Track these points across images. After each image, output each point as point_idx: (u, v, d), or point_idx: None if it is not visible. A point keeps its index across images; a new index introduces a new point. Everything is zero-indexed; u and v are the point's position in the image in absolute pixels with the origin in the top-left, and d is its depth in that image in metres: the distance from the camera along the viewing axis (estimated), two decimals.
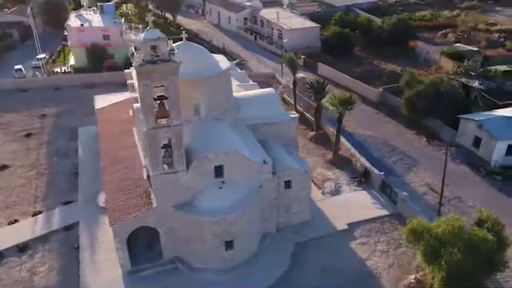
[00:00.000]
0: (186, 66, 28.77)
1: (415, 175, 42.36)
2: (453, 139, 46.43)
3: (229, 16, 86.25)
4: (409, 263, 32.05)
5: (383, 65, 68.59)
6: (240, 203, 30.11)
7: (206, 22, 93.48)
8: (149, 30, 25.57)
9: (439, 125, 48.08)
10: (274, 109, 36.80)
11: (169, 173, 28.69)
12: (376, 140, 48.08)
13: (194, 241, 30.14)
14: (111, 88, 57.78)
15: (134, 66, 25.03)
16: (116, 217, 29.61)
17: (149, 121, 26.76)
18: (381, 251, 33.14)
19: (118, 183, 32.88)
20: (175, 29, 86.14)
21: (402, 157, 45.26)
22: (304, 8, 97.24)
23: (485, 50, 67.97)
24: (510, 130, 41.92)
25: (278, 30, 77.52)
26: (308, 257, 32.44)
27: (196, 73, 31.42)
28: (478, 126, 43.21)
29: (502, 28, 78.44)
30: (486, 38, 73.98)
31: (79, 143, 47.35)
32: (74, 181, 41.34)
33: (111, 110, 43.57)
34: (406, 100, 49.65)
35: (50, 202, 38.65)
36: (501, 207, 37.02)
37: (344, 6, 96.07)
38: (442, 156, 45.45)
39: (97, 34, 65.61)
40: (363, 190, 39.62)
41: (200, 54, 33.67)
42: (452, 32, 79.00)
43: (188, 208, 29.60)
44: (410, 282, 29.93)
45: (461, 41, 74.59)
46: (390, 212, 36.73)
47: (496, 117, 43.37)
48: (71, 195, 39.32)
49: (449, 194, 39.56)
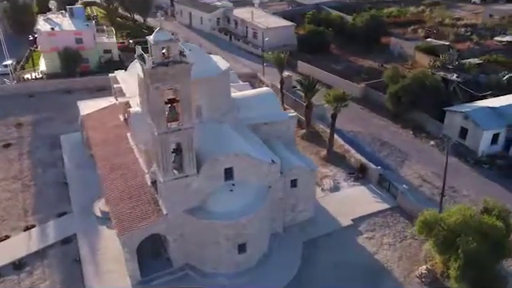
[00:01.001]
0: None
1: (408, 168, 43.25)
2: (439, 131, 47.81)
3: (201, 16, 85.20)
4: (416, 254, 32.66)
5: (360, 61, 69.71)
6: (251, 205, 29.71)
7: (177, 23, 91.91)
8: (159, 31, 24.69)
9: (424, 118, 49.34)
10: (273, 108, 36.59)
11: (179, 178, 27.87)
12: (365, 135, 48.77)
13: (206, 246, 29.44)
14: (88, 93, 56.00)
15: (146, 69, 24.08)
16: (125, 226, 28.49)
17: (160, 125, 25.86)
18: (388, 244, 33.60)
19: (120, 191, 31.67)
20: (147, 31, 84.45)
21: (393, 150, 46.13)
22: (274, 7, 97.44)
23: (454, 44, 70.46)
24: (494, 120, 43.59)
25: (253, 29, 77.31)
26: (318, 254, 32.44)
27: (196, 74, 30.61)
28: (465, 117, 44.63)
29: (468, 22, 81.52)
30: (454, 33, 76.62)
31: (63, 152, 45.37)
32: (64, 191, 39.54)
33: (99, 116, 41.95)
34: (391, 95, 50.65)
35: (42, 215, 36.75)
36: (492, 194, 38.37)
37: (313, 5, 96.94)
38: (430, 148, 47.23)
39: (69, 38, 63.06)
40: (361, 185, 40.06)
41: (199, 55, 32.84)
42: (421, 27, 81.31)
43: (200, 213, 28.89)
44: (421, 272, 30.50)
45: (430, 36, 76.89)
46: (391, 205, 37.31)
47: (481, 108, 44.95)
48: (64, 206, 37.58)
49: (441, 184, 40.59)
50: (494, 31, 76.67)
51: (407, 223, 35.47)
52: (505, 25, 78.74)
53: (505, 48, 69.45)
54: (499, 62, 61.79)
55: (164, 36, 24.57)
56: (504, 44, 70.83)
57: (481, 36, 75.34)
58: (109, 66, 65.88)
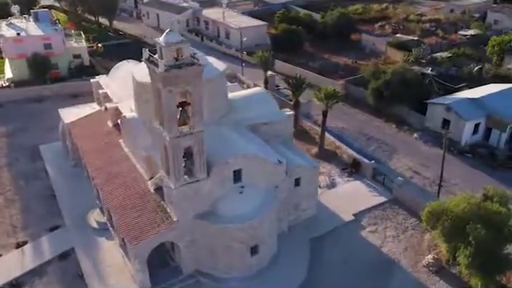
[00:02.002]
0: None
1: (397, 161, 44.28)
2: (421, 124, 49.28)
3: (170, 18, 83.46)
4: (420, 245, 33.49)
5: (334, 58, 70.71)
6: (262, 206, 29.47)
7: (144, 25, 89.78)
8: (169, 32, 23.94)
9: (406, 111, 50.68)
10: (270, 108, 36.43)
11: (190, 183, 27.18)
12: (351, 131, 49.49)
13: (218, 250, 28.91)
14: (62, 100, 53.72)
15: (159, 72, 23.26)
16: (135, 236, 27.50)
17: (172, 129, 25.11)
18: (391, 237, 34.26)
19: (123, 200, 30.55)
20: (114, 34, 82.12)
21: (380, 144, 47.10)
22: (241, 7, 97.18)
23: (422, 39, 72.84)
24: (475, 111, 45.38)
25: (226, 29, 76.76)
26: (326, 252, 32.63)
27: None
28: (447, 109, 46.20)
29: (431, 18, 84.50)
30: (420, 28, 79.18)
31: (46, 163, 43.28)
32: (52, 204, 37.73)
33: (85, 124, 40.28)
34: (373, 90, 51.66)
35: (33, 231, 34.89)
36: (478, 181, 40.15)
37: (280, 4, 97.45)
38: (415, 140, 48.58)
39: (37, 43, 60.11)
40: (356, 180, 40.64)
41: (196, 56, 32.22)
42: (388, 24, 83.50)
43: (212, 217, 28.33)
44: (428, 261, 31.28)
45: (397, 32, 79.14)
46: (388, 198, 38.07)
47: (461, 99, 46.67)
48: (55, 220, 35.86)
49: (432, 175, 41.90)
50: (457, 26, 79.89)
51: (406, 215, 36.34)
52: (467, 19, 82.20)
53: (469, 41, 72.49)
54: (467, 54, 64.39)
55: (176, 38, 23.87)
56: (468, 38, 73.95)
57: (445, 30, 78.28)
58: (79, 72, 63.71)
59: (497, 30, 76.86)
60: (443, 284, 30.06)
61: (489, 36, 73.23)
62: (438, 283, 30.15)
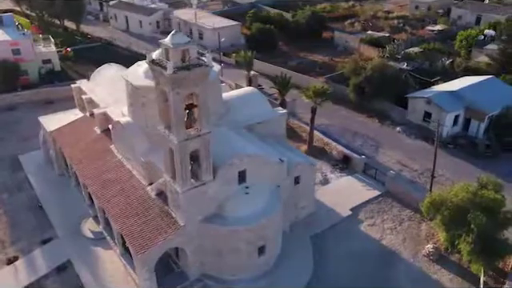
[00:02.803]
0: None
1: (384, 155, 45.21)
2: (403, 117, 50.56)
3: (139, 20, 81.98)
4: (418, 235, 34.34)
5: (309, 56, 71.41)
6: (268, 205, 29.36)
7: (112, 27, 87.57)
8: (175, 34, 23.39)
9: (388, 106, 51.85)
10: (263, 107, 36.35)
11: (198, 186, 26.73)
12: (336, 127, 50.09)
13: (225, 253, 28.57)
14: (35, 108, 51.93)
15: (167, 75, 22.68)
16: (141, 244, 26.77)
17: (180, 132, 24.58)
18: (390, 229, 34.96)
19: (123, 208, 29.67)
20: (82, 37, 79.62)
21: (366, 139, 47.94)
22: (210, 7, 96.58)
23: (392, 36, 74.75)
24: (454, 103, 46.92)
25: (199, 30, 76.01)
26: (329, 247, 32.92)
27: None
28: (427, 102, 47.59)
29: (398, 14, 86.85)
30: (389, 25, 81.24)
31: (28, 173, 41.47)
32: (41, 216, 36.26)
33: (71, 131, 38.84)
34: (355, 86, 52.53)
35: (23, 245, 33.37)
36: (463, 171, 41.80)
37: (249, 4, 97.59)
38: (398, 134, 49.79)
39: (5, 49, 57.48)
40: (347, 175, 41.22)
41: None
42: (357, 21, 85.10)
43: (219, 220, 27.97)
44: (428, 251, 32.12)
45: (367, 29, 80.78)
46: (381, 192, 38.81)
47: (441, 92, 48.17)
48: (46, 232, 34.48)
49: (419, 167, 43.12)
50: (423, 21, 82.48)
51: (401, 207, 37.18)
52: (432, 15, 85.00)
53: (437, 36, 74.99)
54: (437, 49, 66.49)
55: (182, 39, 23.35)
56: (436, 33, 76.49)
57: (413, 26, 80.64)
58: (50, 77, 61.42)
59: (461, 25, 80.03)
60: (444, 272, 30.96)
61: (454, 31, 76.27)
62: (439, 271, 31.02)
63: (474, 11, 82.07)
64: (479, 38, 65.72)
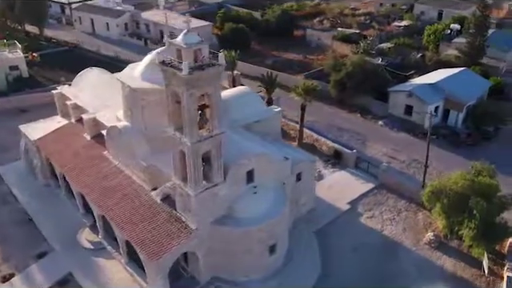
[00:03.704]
0: None
1: (371, 148, 46.14)
2: (384, 111, 51.81)
3: (106, 22, 79.62)
4: (416, 224, 35.30)
5: (284, 55, 71.79)
6: (276, 204, 29.29)
7: (76, 31, 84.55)
8: (188, 33, 22.88)
9: (369, 100, 52.97)
10: (259, 106, 36.37)
11: (209, 188, 26.31)
12: (321, 124, 50.60)
13: (237, 254, 28.27)
14: (9, 116, 49.88)
15: (183, 76, 22.13)
16: (154, 250, 26.06)
17: (193, 134, 24.09)
18: (389, 220, 35.74)
19: (129, 215, 28.78)
20: (47, 42, 76.43)
21: (351, 134, 48.74)
22: (177, 8, 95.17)
23: (362, 32, 76.39)
24: (434, 95, 48.56)
25: (170, 31, 74.53)
26: (333, 242, 33.24)
27: None
28: (408, 95, 49.00)
29: (365, 11, 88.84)
30: (357, 22, 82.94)
31: (10, 185, 39.43)
32: (31, 229, 34.60)
33: (57, 139, 37.25)
34: (336, 82, 53.30)
35: (17, 261, 31.71)
36: (448, 159, 43.38)
37: (216, 4, 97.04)
38: (381, 127, 50.98)
39: None
40: (340, 170, 41.79)
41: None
42: (325, 19, 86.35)
43: (230, 221, 27.67)
44: (429, 238, 33.09)
45: (336, 26, 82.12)
46: (375, 184, 39.61)
47: (420, 85, 49.70)
48: (40, 245, 32.91)
49: (406, 158, 44.37)
50: (389, 17, 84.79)
51: (396, 198, 38.09)
52: (396, 11, 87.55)
53: (404, 32, 77.24)
54: (407, 44, 68.63)
55: (195, 38, 22.92)
56: (403, 28, 78.79)
57: (380, 23, 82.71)
58: (19, 85, 58.60)
59: (425, 20, 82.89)
60: (446, 258, 32.00)
61: (420, 26, 78.92)
62: (441, 258, 32.02)
63: (436, 7, 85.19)
64: (446, 32, 68.29)
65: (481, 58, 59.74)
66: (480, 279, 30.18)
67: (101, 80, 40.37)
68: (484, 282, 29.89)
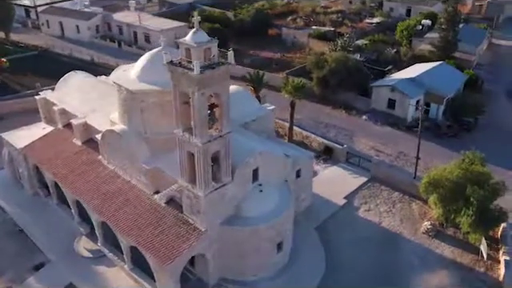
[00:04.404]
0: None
1: (358, 143, 46.94)
2: (367, 106, 52.83)
3: (76, 25, 77.33)
4: (412, 215, 36.19)
5: (261, 54, 71.87)
6: (281, 201, 29.34)
7: (44, 34, 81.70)
8: (196, 32, 22.55)
9: (352, 96, 53.86)
10: (253, 104, 36.32)
11: (218, 188, 26.06)
12: (307, 120, 51.04)
13: (246, 253, 28.15)
14: None
15: (194, 75, 21.78)
16: (166, 254, 25.58)
17: (204, 134, 23.80)
18: (385, 212, 36.47)
19: (133, 220, 28.13)
20: (14, 47, 73.43)
21: (338, 130, 49.43)
22: (147, 9, 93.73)
23: (336, 29, 77.59)
24: (415, 89, 49.91)
25: (145, 32, 73.48)
26: (334, 236, 33.63)
27: None
28: (391, 89, 50.15)
29: (336, 9, 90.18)
30: (329, 19, 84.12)
31: None
32: (24, 240, 33.38)
33: (45, 146, 35.93)
34: (318, 79, 53.88)
35: (13, 274, 30.49)
36: (433, 151, 44.65)
37: (187, 4, 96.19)
38: (365, 122, 51.98)
39: None
40: (332, 165, 42.28)
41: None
42: (298, 17, 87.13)
43: (239, 221, 27.56)
44: (427, 228, 34.02)
45: (309, 24, 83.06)
46: (368, 178, 40.32)
47: (402, 80, 50.94)
48: (35, 257, 31.80)
49: (393, 151, 45.43)
50: (360, 15, 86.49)
51: (389, 190, 38.90)
52: (366, 9, 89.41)
53: (376, 28, 79.02)
54: (382, 40, 70.25)
55: (204, 37, 22.66)
56: (374, 25, 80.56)
57: (352, 20, 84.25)
58: None
59: (394, 16, 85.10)
60: (444, 245, 32.99)
61: (391, 23, 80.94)
62: (440, 245, 33.00)
63: (405, 4, 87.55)
64: (417, 27, 70.29)
65: (453, 52, 61.90)
66: (478, 264, 31.31)
67: (86, 84, 39.29)
68: (483, 267, 31.02)
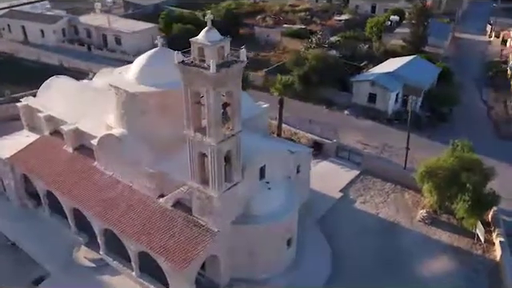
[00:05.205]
0: (172, 76, 25.96)
1: (345, 137, 47.72)
2: (348, 101, 53.90)
3: (41, 29, 74.36)
4: (406, 204, 37.29)
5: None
6: (288, 198, 29.51)
7: (4, 39, 78.09)
8: (209, 30, 22.29)
9: (332, 92, 54.78)
10: (248, 103, 35.92)
11: (230, 187, 25.90)
12: (291, 117, 51.28)
13: (258, 252, 28.11)
14: None
15: (211, 74, 21.51)
16: (182, 258, 25.17)
17: (218, 134, 23.58)
18: (381, 203, 37.39)
19: (141, 225, 27.46)
20: None
21: (322, 125, 49.99)
22: (113, 11, 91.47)
23: (307, 27, 78.65)
24: (394, 83, 51.40)
25: (115, 35, 71.67)
26: (335, 230, 34.15)
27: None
28: (372, 84, 51.40)
29: (303, 8, 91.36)
30: (299, 17, 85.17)
31: None
32: (17, 254, 31.92)
33: (33, 155, 34.42)
34: (300, 77, 54.42)
35: None
36: (415, 141, 45.85)
37: (153, 5, 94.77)
38: (347, 117, 53.05)
39: None
40: (322, 160, 42.88)
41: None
42: (267, 16, 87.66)
43: (250, 219, 27.46)
44: (422, 215, 35.18)
45: (279, 23, 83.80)
46: (359, 170, 41.20)
47: (381, 74, 52.28)
48: (33, 271, 30.43)
49: (378, 143, 46.58)
50: (328, 12, 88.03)
51: (381, 181, 39.91)
52: (333, 7, 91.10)
53: (345, 25, 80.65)
54: (353, 37, 71.79)
55: (217, 35, 22.43)
56: (343, 22, 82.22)
57: (320, 18, 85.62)
58: None
59: (361, 13, 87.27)
60: (441, 231, 34.22)
61: (358, 20, 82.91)
62: (437, 231, 34.19)
63: (370, 1, 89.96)
64: (386, 23, 72.38)
65: (424, 46, 64.20)
66: (475, 247, 32.69)
67: (71, 88, 37.99)
68: (479, 249, 32.42)
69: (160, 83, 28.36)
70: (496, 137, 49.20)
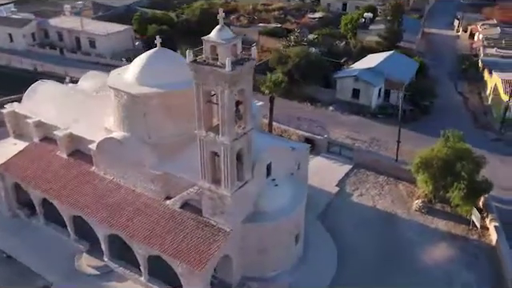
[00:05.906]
0: (173, 76, 26.56)
1: (332, 132, 48.37)
2: (332, 97, 54.67)
3: (9, 33, 71.47)
4: (401, 195, 38.26)
5: None
6: (295, 194, 29.68)
7: None
8: (222, 29, 22.12)
9: (316, 89, 55.41)
10: None
11: (241, 186, 25.82)
12: (279, 115, 51.45)
13: (269, 249, 28.16)
14: None
15: (227, 72, 21.34)
16: (197, 259, 24.91)
17: (232, 132, 23.45)
18: (377, 195, 38.20)
19: (150, 228, 27.00)
20: None
21: (309, 122, 50.56)
22: (84, 13, 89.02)
23: (283, 26, 79.14)
24: (377, 78, 52.55)
25: (89, 37, 69.79)
26: (336, 223, 34.65)
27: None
28: (355, 79, 52.32)
29: (276, 7, 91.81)
30: (273, 16, 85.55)
31: None
32: (15, 266, 30.79)
33: (24, 162, 33.15)
34: (283, 74, 54.60)
35: None
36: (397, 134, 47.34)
37: (124, 6, 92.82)
38: (332, 113, 53.84)
39: None
40: (315, 156, 43.29)
41: (183, 61, 29.96)
42: (241, 15, 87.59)
43: (260, 217, 27.48)
44: (418, 205, 36.17)
45: (253, 22, 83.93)
46: (352, 164, 41.91)
47: (363, 70, 53.29)
48: (34, 282, 29.44)
49: (366, 138, 47.50)
50: (301, 11, 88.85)
51: (374, 174, 40.76)
52: (306, 5, 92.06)
53: (319, 23, 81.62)
54: (329, 34, 72.78)
55: (229, 34, 22.28)
56: (317, 20, 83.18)
57: (294, 16, 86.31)
58: None
59: (333, 11, 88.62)
60: (437, 219, 35.32)
61: (331, 17, 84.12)
62: (434, 220, 35.27)
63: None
64: (360, 20, 73.76)
65: (399, 41, 65.86)
66: (471, 232, 33.93)
67: (58, 93, 36.86)
68: (475, 235, 33.66)
69: (161, 84, 27.95)
70: (474, 126, 51.16)
